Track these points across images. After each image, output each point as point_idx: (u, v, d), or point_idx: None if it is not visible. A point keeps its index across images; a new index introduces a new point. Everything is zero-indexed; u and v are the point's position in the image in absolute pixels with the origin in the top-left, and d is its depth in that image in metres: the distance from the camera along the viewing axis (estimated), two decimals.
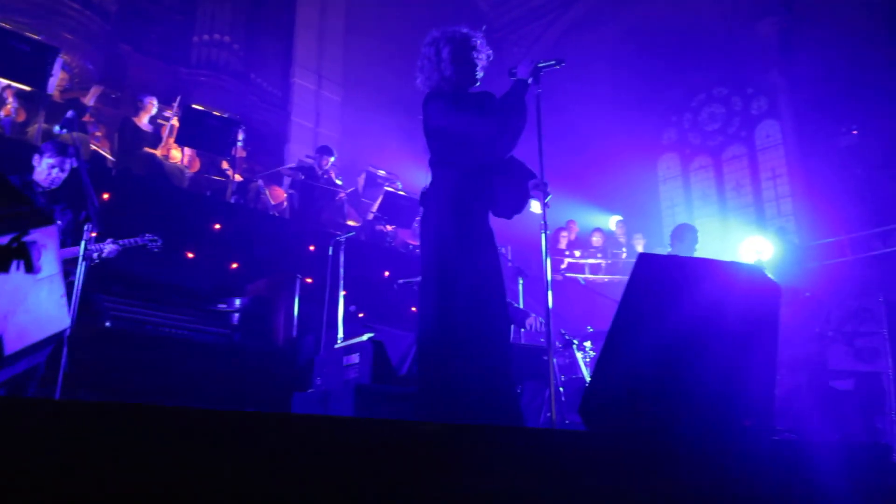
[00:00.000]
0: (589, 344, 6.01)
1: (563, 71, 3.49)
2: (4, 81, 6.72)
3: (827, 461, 2.07)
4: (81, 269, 3.75)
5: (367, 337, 4.70)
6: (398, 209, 8.27)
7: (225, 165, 8.41)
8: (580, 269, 9.65)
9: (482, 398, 2.99)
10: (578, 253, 10.00)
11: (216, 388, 5.44)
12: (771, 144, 12.80)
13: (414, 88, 3.60)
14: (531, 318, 5.84)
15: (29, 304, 2.12)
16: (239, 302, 6.34)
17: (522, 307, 6.12)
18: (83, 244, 3.80)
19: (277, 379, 5.64)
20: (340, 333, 5.51)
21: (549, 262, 3.24)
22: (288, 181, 9.07)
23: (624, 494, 1.89)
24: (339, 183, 8.97)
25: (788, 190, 12.23)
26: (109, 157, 7.58)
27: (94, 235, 4.06)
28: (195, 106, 7.60)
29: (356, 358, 4.65)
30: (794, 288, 6.12)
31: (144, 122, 7.76)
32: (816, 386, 5.31)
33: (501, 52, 12.55)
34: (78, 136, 5.71)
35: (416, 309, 7.39)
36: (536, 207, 3.43)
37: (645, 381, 2.10)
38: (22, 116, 7.03)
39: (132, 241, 4.63)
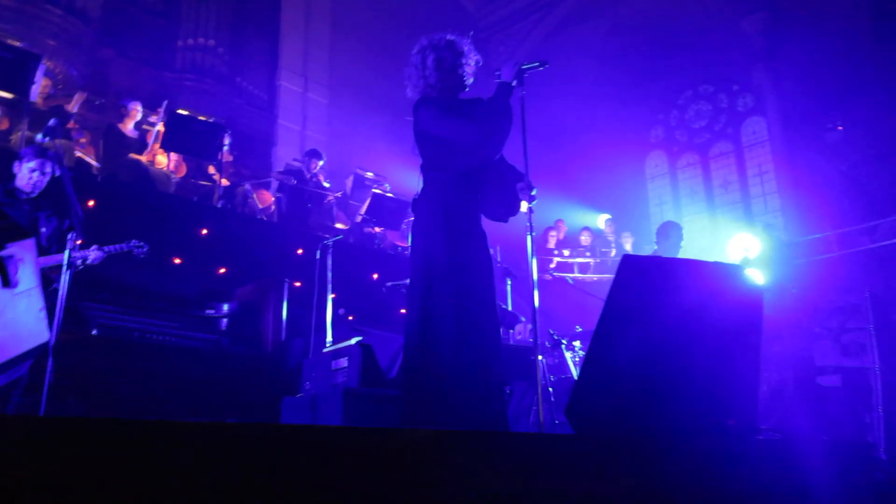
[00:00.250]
0: (578, 343, 6.03)
1: (550, 70, 3.50)
2: None
3: (810, 460, 2.08)
4: (65, 277, 3.72)
5: (355, 340, 4.69)
6: (386, 211, 8.26)
7: (212, 170, 8.37)
8: (569, 268, 9.67)
9: (469, 401, 2.98)
10: (567, 252, 10.02)
11: (205, 394, 5.42)
12: (757, 141, 12.88)
13: (401, 89, 3.62)
14: (520, 324, 5.85)
15: (6, 319, 2.11)
16: (227, 307, 6.31)
17: (511, 308, 6.13)
18: (67, 253, 3.78)
19: (266, 384, 5.62)
20: (329, 337, 5.49)
21: (535, 262, 3.25)
22: (275, 185, 9.04)
23: (610, 497, 1.90)
24: (327, 186, 8.96)
25: (775, 186, 12.30)
26: (95, 163, 7.54)
27: (78, 243, 4.03)
28: (181, 111, 7.57)
29: (344, 362, 4.64)
30: (781, 284, 6.15)
31: (129, 127, 7.71)
32: (803, 383, 5.34)
33: (487, 52, 12.56)
34: (61, 143, 5.67)
35: (405, 311, 7.41)
36: (524, 208, 3.44)
37: (629, 382, 2.11)
38: (5, 124, 6.99)
39: (117, 247, 4.60)
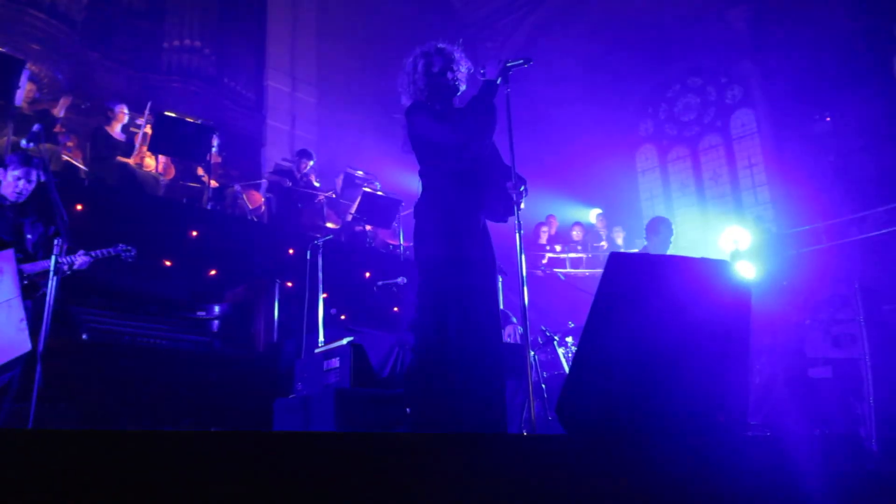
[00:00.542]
0: (570, 339, 6.03)
1: (537, 66, 3.51)
2: None
3: (802, 455, 2.08)
4: (52, 283, 3.70)
5: (346, 341, 4.68)
6: (377, 209, 8.24)
7: (200, 171, 8.33)
8: (561, 263, 9.67)
9: (469, 403, 3.05)
10: (559, 248, 10.01)
11: (197, 396, 5.41)
12: (746, 133, 12.92)
13: (389, 87, 3.64)
14: (510, 326, 5.84)
15: None
16: (218, 309, 6.30)
17: (503, 306, 6.13)
18: (53, 258, 3.76)
19: (259, 385, 5.61)
20: (321, 337, 5.47)
21: (523, 259, 3.26)
22: (265, 185, 9.01)
23: (603, 496, 1.90)
24: (317, 185, 8.94)
25: (765, 178, 12.35)
26: (82, 167, 7.49)
27: (65, 248, 4.01)
28: (168, 113, 7.49)
29: (336, 362, 4.63)
30: (771, 276, 6.17)
31: (117, 130, 7.66)
32: (794, 375, 5.36)
33: (474, 49, 12.53)
34: (46, 148, 5.64)
35: (397, 309, 7.40)
36: (523, 206, 3.45)
37: (618, 380, 2.11)
38: None
39: (104, 251, 4.57)
